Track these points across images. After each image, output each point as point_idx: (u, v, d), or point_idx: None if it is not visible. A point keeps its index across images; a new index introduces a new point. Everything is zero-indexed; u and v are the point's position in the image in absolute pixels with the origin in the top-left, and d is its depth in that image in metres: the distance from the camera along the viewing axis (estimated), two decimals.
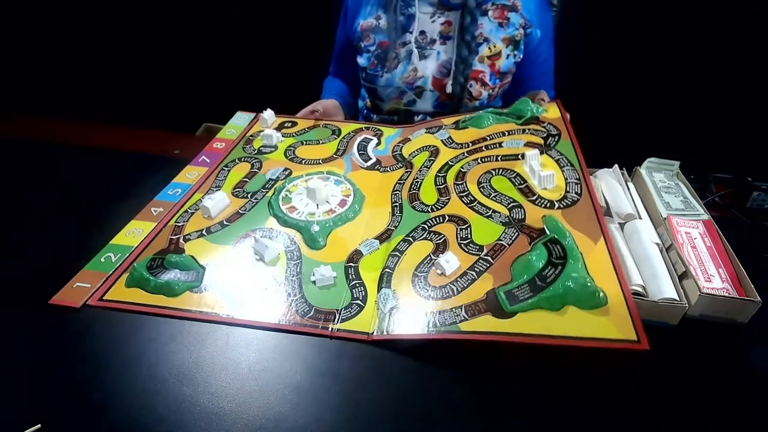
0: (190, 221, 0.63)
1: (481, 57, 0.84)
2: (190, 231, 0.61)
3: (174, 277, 0.54)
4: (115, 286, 0.54)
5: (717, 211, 0.68)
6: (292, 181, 0.70)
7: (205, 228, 0.62)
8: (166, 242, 0.60)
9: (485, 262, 0.52)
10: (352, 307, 0.51)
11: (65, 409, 0.42)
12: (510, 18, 0.84)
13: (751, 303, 0.49)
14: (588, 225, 0.53)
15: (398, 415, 0.42)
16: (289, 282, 0.54)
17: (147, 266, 0.55)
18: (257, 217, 0.63)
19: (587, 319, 0.45)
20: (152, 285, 0.53)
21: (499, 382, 0.45)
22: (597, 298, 0.45)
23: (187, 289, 0.53)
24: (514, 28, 0.84)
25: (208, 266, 0.56)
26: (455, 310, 0.48)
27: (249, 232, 0.61)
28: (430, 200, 0.63)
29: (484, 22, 0.84)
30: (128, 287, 0.54)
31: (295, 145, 0.79)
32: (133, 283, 0.54)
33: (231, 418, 0.41)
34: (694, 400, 0.44)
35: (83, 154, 0.79)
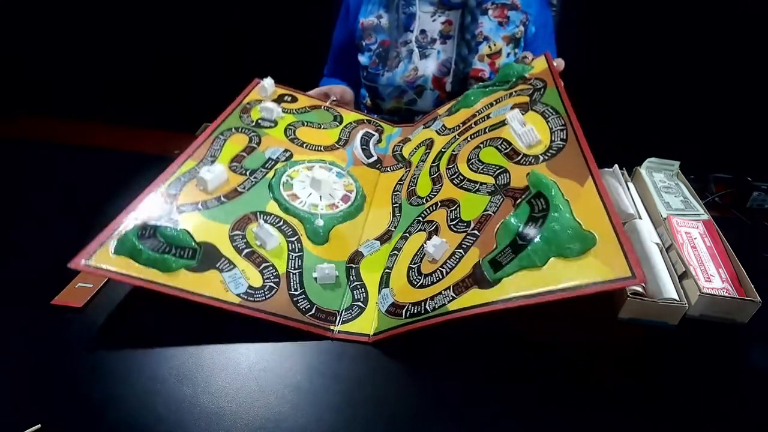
0: (183, 191, 0.58)
1: (481, 56, 0.84)
2: (185, 202, 0.56)
3: (169, 251, 0.50)
4: (101, 251, 0.49)
5: (717, 211, 0.68)
6: (293, 166, 0.66)
7: (202, 201, 0.57)
8: (158, 210, 0.55)
9: (472, 236, 0.50)
10: (353, 308, 0.51)
11: (65, 409, 0.42)
12: (510, 17, 0.84)
13: (751, 303, 0.49)
14: (574, 168, 0.49)
15: (397, 416, 0.42)
16: (291, 275, 0.53)
17: (138, 234, 0.51)
18: (257, 199, 0.60)
19: (574, 266, 0.41)
20: (145, 257, 0.49)
21: (498, 381, 0.45)
22: (583, 240, 0.42)
23: (184, 266, 0.50)
24: (514, 26, 0.85)
25: (205, 245, 0.52)
26: (444, 292, 0.46)
27: (249, 214, 0.57)
28: (425, 192, 0.62)
29: (484, 21, 0.84)
30: (117, 255, 0.49)
31: (295, 125, 0.74)
32: (123, 251, 0.49)
33: (231, 418, 0.41)
34: (694, 400, 0.44)
35: (83, 154, 0.79)
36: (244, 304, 0.49)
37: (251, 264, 0.52)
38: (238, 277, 0.51)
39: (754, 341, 0.50)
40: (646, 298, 0.50)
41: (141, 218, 0.53)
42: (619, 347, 0.49)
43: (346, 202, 0.64)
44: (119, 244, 0.50)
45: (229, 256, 0.52)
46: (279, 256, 0.54)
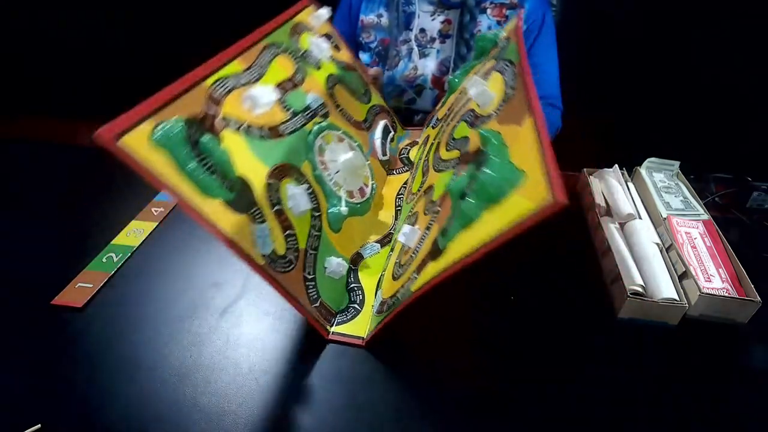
0: (228, 98, 0.47)
1: None
2: (229, 114, 0.46)
3: (213, 172, 0.41)
4: (138, 132, 0.37)
5: (717, 211, 0.68)
6: (328, 129, 0.60)
7: (246, 124, 0.48)
8: (202, 111, 0.43)
9: (435, 214, 0.48)
10: (348, 310, 0.51)
11: (65, 409, 0.42)
12: (508, 16, 0.84)
13: (751, 303, 0.49)
14: (518, 112, 0.45)
15: (398, 416, 0.42)
16: (308, 254, 0.49)
17: (187, 133, 0.40)
18: (296, 152, 0.53)
19: (502, 210, 0.38)
20: (191, 167, 0.39)
21: (498, 381, 0.45)
22: (512, 182, 0.38)
23: (222, 197, 0.41)
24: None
25: (242, 181, 0.44)
26: (411, 276, 0.45)
27: (288, 164, 0.50)
28: (416, 187, 0.61)
29: (482, 20, 0.84)
30: (158, 146, 0.37)
31: (336, 78, 0.67)
32: (167, 144, 0.38)
33: (231, 418, 0.41)
34: (694, 400, 0.44)
35: (83, 154, 0.79)
36: (267, 269, 0.43)
37: (279, 225, 0.46)
38: (266, 235, 0.44)
39: (754, 341, 0.50)
40: (646, 298, 0.50)
41: (186, 113, 0.41)
42: (619, 347, 0.49)
43: (362, 195, 0.62)
44: (164, 134, 0.38)
45: (262, 207, 0.44)
46: (302, 228, 0.49)
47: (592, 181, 0.68)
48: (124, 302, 0.52)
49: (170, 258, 0.58)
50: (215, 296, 0.53)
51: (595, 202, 0.63)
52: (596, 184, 0.67)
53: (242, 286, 0.55)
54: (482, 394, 0.44)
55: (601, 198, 0.65)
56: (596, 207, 0.63)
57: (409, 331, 0.50)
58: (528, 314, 0.52)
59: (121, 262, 0.57)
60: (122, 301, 0.53)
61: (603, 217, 0.61)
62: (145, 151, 0.36)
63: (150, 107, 0.38)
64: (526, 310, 0.53)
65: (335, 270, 0.51)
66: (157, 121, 0.38)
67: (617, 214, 0.61)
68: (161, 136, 0.38)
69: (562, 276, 0.57)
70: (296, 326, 0.50)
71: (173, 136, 0.38)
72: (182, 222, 0.64)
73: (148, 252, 0.59)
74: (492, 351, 0.48)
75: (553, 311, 0.53)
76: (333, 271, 0.51)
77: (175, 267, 0.57)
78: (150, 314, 0.51)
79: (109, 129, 0.35)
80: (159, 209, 0.66)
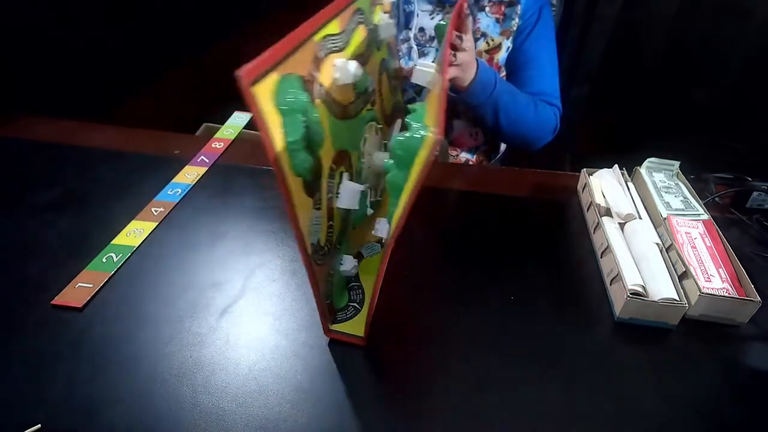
0: (325, 62, 0.42)
1: (478, 52, 0.84)
2: (322, 81, 0.41)
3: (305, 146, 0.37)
4: (266, 82, 0.32)
5: (717, 211, 0.68)
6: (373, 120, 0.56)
7: (329, 94, 0.43)
8: (308, 71, 0.39)
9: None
10: (348, 309, 0.51)
11: (65, 409, 0.42)
12: (507, 13, 0.84)
13: (751, 303, 0.49)
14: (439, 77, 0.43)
15: (398, 415, 0.42)
16: (336, 250, 0.47)
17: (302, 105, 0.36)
18: (354, 138, 0.49)
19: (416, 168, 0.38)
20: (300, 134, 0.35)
21: (498, 383, 0.45)
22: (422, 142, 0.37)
23: (303, 174, 0.37)
24: (511, 20, 0.84)
25: (317, 161, 0.40)
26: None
27: (346, 149, 0.47)
28: None
29: (481, 17, 0.84)
30: (277, 106, 0.34)
31: (385, 64, 0.62)
32: (285, 102, 0.34)
33: (231, 418, 0.41)
34: (694, 400, 0.44)
35: (83, 154, 0.79)
36: (310, 261, 0.40)
37: (326, 214, 0.43)
38: (317, 224, 0.41)
39: (754, 341, 0.50)
40: (645, 298, 0.50)
41: (301, 69, 0.37)
42: (619, 347, 0.49)
43: (376, 194, 0.60)
44: (284, 96, 0.34)
45: (322, 192, 0.42)
46: (337, 221, 0.47)
47: (592, 181, 0.68)
48: (124, 302, 0.52)
49: (170, 258, 0.58)
50: (215, 296, 0.53)
51: (595, 202, 0.63)
52: (596, 184, 0.67)
53: (242, 286, 0.55)
54: (481, 395, 0.44)
55: (601, 198, 0.65)
56: (596, 207, 0.63)
57: (409, 331, 0.50)
58: (528, 314, 0.52)
59: (121, 262, 0.57)
60: (122, 301, 0.53)
61: (603, 217, 0.61)
62: (268, 107, 0.33)
63: (277, 55, 0.34)
64: (526, 310, 0.53)
65: (348, 269, 0.50)
66: (281, 74, 0.34)
67: (617, 214, 0.61)
68: (282, 99, 0.34)
69: (562, 276, 0.57)
70: (296, 326, 0.50)
71: (292, 102, 0.34)
72: (182, 222, 0.64)
73: (148, 252, 0.59)
74: (491, 351, 0.48)
75: (553, 311, 0.53)
76: (346, 269, 0.50)
77: (175, 267, 0.57)
78: (150, 314, 0.51)
79: (248, 72, 0.31)
80: (159, 209, 0.66)
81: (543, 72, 0.87)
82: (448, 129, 0.92)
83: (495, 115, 0.81)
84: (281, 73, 0.34)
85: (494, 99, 0.79)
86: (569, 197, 0.71)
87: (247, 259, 0.59)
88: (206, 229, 0.63)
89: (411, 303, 0.54)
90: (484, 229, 0.65)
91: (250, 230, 0.63)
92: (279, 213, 0.66)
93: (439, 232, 0.66)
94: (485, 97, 0.78)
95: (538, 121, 0.85)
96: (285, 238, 0.62)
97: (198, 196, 0.69)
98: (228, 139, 0.83)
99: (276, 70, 0.34)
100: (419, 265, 0.58)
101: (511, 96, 0.81)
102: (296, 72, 0.36)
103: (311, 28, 0.40)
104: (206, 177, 0.74)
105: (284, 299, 0.53)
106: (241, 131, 0.87)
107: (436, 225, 0.67)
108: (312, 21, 0.40)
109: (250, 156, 0.80)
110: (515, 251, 0.61)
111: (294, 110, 0.35)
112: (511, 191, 0.74)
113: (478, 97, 0.78)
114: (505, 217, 0.68)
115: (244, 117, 0.90)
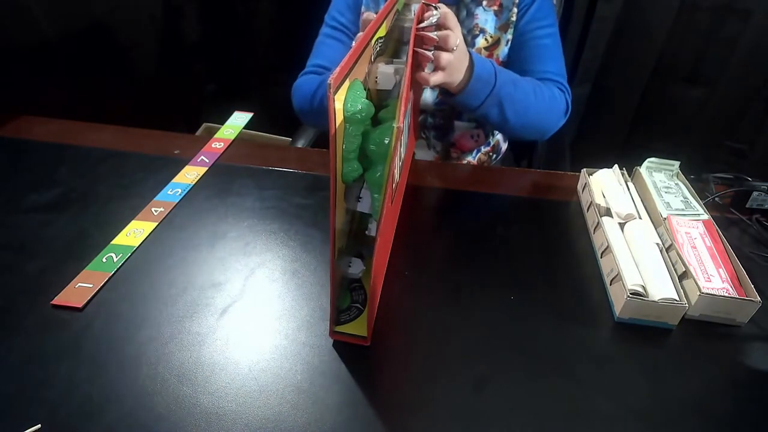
0: (372, 64, 0.43)
1: (478, 49, 0.82)
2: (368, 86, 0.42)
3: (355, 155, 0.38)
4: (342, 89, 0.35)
5: (717, 211, 0.68)
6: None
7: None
8: (365, 76, 0.41)
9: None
10: (351, 310, 0.51)
11: (65, 409, 0.42)
12: (503, 4, 0.81)
13: (751, 303, 0.49)
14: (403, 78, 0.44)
15: (398, 415, 0.42)
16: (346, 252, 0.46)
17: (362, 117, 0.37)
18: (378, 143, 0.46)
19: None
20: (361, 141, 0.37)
21: (498, 383, 0.45)
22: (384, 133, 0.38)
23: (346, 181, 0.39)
24: (508, 12, 0.81)
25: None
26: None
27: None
28: None
29: (478, 12, 0.81)
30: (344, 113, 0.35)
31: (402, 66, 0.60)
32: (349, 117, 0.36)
33: (231, 418, 0.41)
34: (694, 400, 0.44)
35: (83, 154, 0.79)
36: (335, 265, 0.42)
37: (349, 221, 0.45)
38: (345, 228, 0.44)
39: (754, 341, 0.50)
40: (645, 298, 0.50)
41: (361, 74, 0.39)
42: (619, 347, 0.49)
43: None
44: (350, 94, 0.36)
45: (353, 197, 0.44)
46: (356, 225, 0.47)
47: (592, 181, 0.68)
48: (124, 302, 0.52)
49: (170, 258, 0.58)
50: (215, 296, 0.53)
51: (595, 202, 0.63)
52: (596, 184, 0.67)
53: (242, 286, 0.55)
54: (481, 396, 0.44)
55: (601, 198, 0.65)
56: (596, 207, 0.63)
57: (408, 331, 0.50)
58: (528, 314, 0.52)
59: (121, 262, 0.57)
60: (122, 301, 0.53)
61: (603, 217, 0.61)
62: (339, 114, 0.34)
63: (351, 62, 0.36)
64: (526, 310, 0.53)
65: (357, 271, 0.50)
66: (352, 80, 0.36)
67: (617, 214, 0.61)
68: (352, 108, 0.36)
69: (562, 276, 0.57)
70: (296, 326, 0.50)
71: (358, 112, 0.36)
72: (182, 222, 0.64)
73: (148, 252, 0.59)
74: (492, 350, 0.48)
75: (553, 311, 0.53)
76: (354, 272, 0.50)
77: (175, 267, 0.57)
78: (150, 314, 0.51)
79: (335, 80, 0.33)
80: (159, 209, 0.66)
81: (545, 52, 0.82)
82: (449, 131, 0.92)
83: (501, 111, 0.73)
84: (351, 80, 0.36)
85: (497, 94, 0.71)
86: (569, 197, 0.71)
87: (247, 259, 0.59)
88: (206, 229, 0.63)
89: (411, 303, 0.54)
90: (484, 229, 0.65)
91: (250, 230, 0.63)
92: (279, 213, 0.66)
93: (439, 232, 0.66)
94: (486, 95, 0.71)
95: (548, 106, 0.78)
96: (285, 238, 0.62)
97: (198, 196, 0.69)
98: (228, 139, 0.83)
99: (349, 76, 0.35)
100: (420, 265, 0.58)
101: (514, 85, 0.73)
102: (359, 77, 0.38)
103: (373, 30, 0.41)
104: (206, 177, 0.74)
105: (284, 299, 0.53)
106: (241, 131, 0.87)
107: (436, 225, 0.67)
108: (373, 24, 0.42)
109: (250, 156, 0.80)
110: (515, 251, 0.61)
111: (359, 120, 0.36)
112: (511, 191, 0.74)
113: (478, 98, 0.71)
114: (505, 217, 0.68)
115: (244, 117, 0.91)
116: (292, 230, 0.63)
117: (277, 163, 0.77)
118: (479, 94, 0.71)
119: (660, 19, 1.24)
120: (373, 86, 0.44)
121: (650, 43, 1.27)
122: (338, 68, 0.33)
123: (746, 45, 1.19)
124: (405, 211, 0.66)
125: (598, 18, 1.24)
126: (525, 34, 0.82)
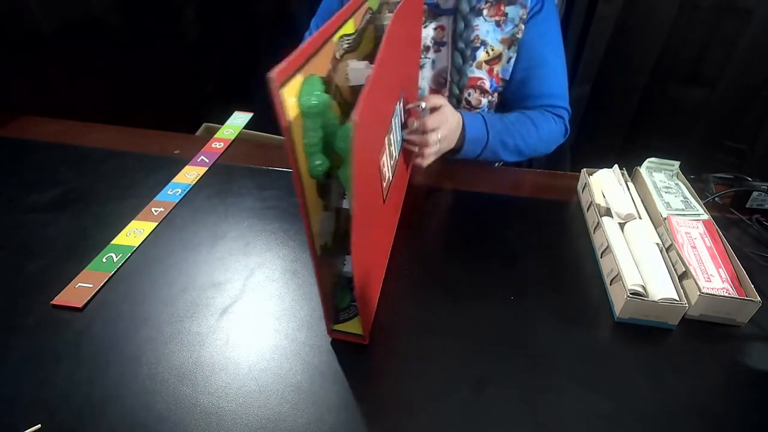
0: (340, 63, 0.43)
1: (478, 62, 0.79)
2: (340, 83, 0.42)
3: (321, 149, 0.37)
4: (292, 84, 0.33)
5: (717, 211, 0.68)
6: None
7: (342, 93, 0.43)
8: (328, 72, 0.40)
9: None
10: (350, 309, 0.51)
11: (65, 409, 0.42)
12: (507, 13, 0.76)
13: (751, 303, 0.49)
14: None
15: (398, 415, 0.42)
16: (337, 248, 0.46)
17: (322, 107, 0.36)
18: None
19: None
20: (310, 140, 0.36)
21: (498, 383, 0.45)
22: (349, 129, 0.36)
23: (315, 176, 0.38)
24: (513, 25, 0.76)
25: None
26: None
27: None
28: None
29: (479, 23, 0.77)
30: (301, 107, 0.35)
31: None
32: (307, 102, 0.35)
33: (231, 418, 0.41)
34: (694, 400, 0.44)
35: (83, 154, 0.79)
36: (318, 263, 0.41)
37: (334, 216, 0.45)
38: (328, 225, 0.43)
39: (754, 341, 0.50)
40: (645, 298, 0.50)
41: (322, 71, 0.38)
42: (619, 347, 0.49)
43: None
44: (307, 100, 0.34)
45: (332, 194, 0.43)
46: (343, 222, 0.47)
47: (592, 181, 0.68)
48: (124, 302, 0.52)
49: (170, 258, 0.58)
50: (215, 296, 0.53)
51: (595, 202, 0.63)
52: (596, 184, 0.67)
53: (242, 286, 0.55)
54: (481, 396, 0.44)
55: (601, 198, 0.65)
56: (596, 207, 0.63)
57: (408, 331, 0.50)
58: (528, 314, 0.52)
59: (121, 262, 0.57)
60: (122, 301, 0.53)
61: (603, 217, 0.61)
62: (293, 109, 0.34)
63: (302, 58, 0.35)
64: (526, 310, 0.53)
65: (350, 269, 0.49)
66: (305, 75, 0.35)
67: (617, 214, 0.61)
68: (305, 100, 0.35)
69: (562, 276, 0.57)
70: (296, 326, 0.50)
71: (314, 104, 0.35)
72: (182, 222, 0.64)
73: (148, 252, 0.59)
74: (492, 350, 0.48)
75: (553, 311, 0.53)
76: (348, 270, 0.50)
77: (175, 267, 0.57)
78: (150, 314, 0.51)
79: (279, 74, 0.31)
80: (159, 209, 0.66)
81: (547, 71, 0.80)
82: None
83: (497, 156, 0.78)
84: (305, 75, 0.35)
85: (491, 148, 0.76)
86: (569, 197, 0.71)
87: (247, 259, 0.59)
88: (206, 229, 0.63)
89: (411, 303, 0.54)
90: (484, 229, 0.65)
91: (250, 230, 0.63)
92: (279, 213, 0.66)
93: (439, 232, 0.66)
94: (481, 149, 0.75)
95: (546, 137, 0.80)
96: (285, 238, 0.62)
97: (198, 196, 0.69)
98: (228, 139, 0.83)
99: (301, 71, 0.35)
100: (420, 265, 0.58)
101: (507, 132, 0.76)
102: (318, 73, 0.37)
103: (332, 28, 0.40)
104: (206, 177, 0.74)
105: (284, 299, 0.53)
106: (241, 131, 0.87)
107: (436, 225, 0.67)
108: (332, 21, 0.41)
109: (250, 156, 0.80)
110: (515, 251, 0.61)
111: (315, 113, 0.35)
112: (511, 191, 0.74)
113: (474, 152, 0.75)
114: (505, 217, 0.68)
115: (244, 117, 0.91)
116: (292, 230, 0.63)
117: (277, 163, 0.77)
118: (474, 150, 0.75)
119: (660, 19, 1.23)
120: (344, 83, 0.44)
121: (650, 43, 1.26)
122: (285, 63, 0.32)
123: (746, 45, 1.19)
124: (405, 211, 0.66)
125: (598, 18, 1.24)
126: (529, 50, 0.79)
